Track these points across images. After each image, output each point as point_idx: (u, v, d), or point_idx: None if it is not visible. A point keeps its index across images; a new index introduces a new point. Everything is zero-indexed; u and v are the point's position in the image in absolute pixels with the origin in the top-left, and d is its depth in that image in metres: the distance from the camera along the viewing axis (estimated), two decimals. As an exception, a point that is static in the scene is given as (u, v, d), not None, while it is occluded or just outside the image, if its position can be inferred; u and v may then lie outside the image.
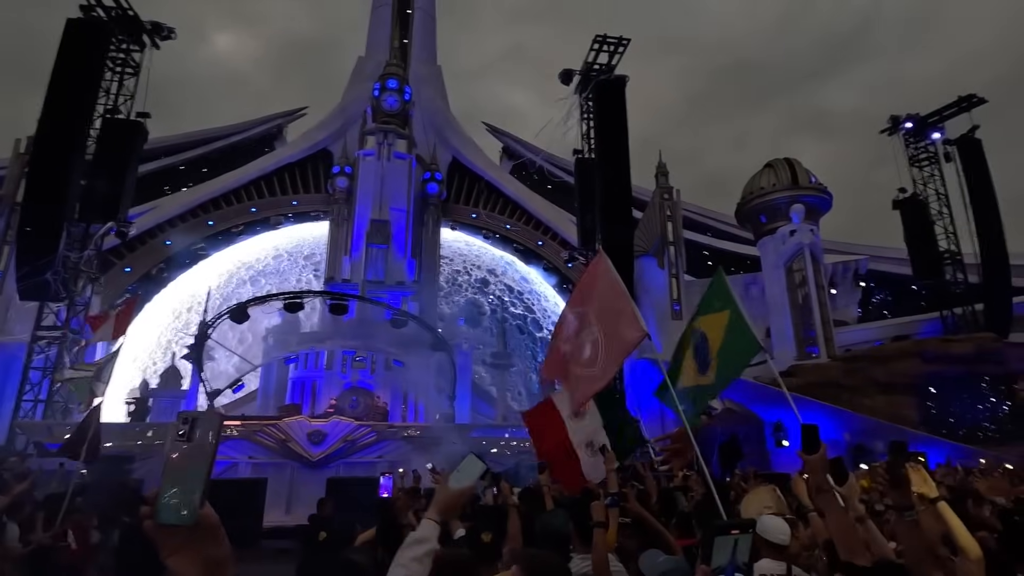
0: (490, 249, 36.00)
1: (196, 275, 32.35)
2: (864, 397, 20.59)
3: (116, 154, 22.30)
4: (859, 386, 21.43)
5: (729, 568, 1.45)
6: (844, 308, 28.87)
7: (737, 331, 4.89)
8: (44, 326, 21.03)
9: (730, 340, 4.85)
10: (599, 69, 26.04)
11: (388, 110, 30.62)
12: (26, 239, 20.36)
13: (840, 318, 27.15)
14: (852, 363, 22.61)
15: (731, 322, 4.92)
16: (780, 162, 26.55)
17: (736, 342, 4.82)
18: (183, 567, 1.00)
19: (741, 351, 4.85)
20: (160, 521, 0.97)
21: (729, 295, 5.13)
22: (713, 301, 5.23)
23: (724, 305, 5.07)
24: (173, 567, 1.00)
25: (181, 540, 0.99)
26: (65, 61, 21.62)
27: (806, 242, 24.65)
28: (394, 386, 23.22)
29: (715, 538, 1.51)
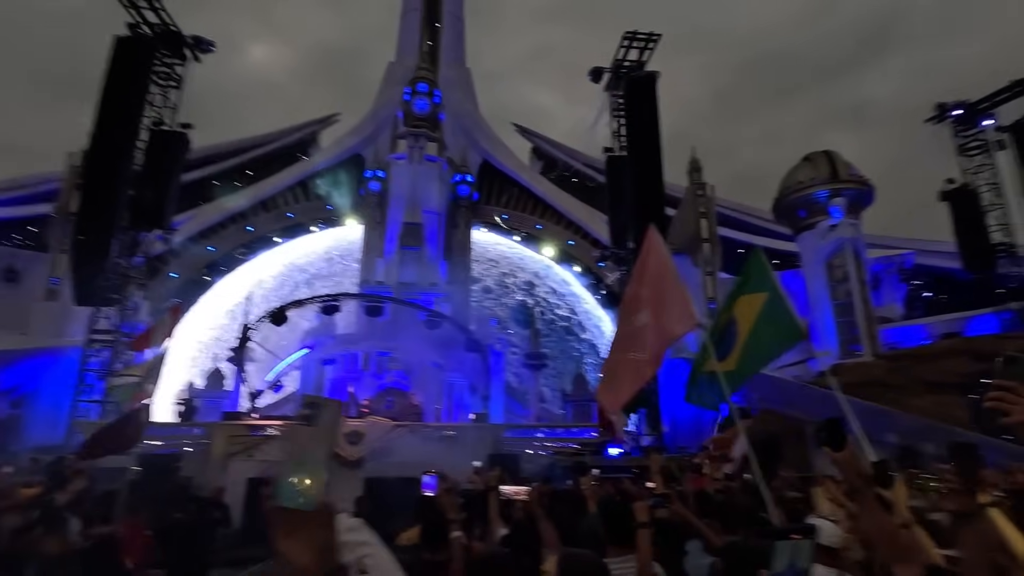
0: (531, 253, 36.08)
1: (240, 279, 33.41)
2: (911, 397, 19.77)
3: (161, 164, 23.25)
4: (905, 385, 20.59)
5: (788, 573, 1.44)
6: (888, 305, 27.82)
7: (774, 316, 4.52)
8: (97, 330, 22.05)
9: (763, 326, 4.47)
10: (629, 66, 25.79)
11: (418, 114, 31.00)
12: (80, 247, 21.40)
13: (884, 315, 26.18)
14: (897, 361, 21.74)
15: (768, 306, 4.54)
16: (819, 155, 25.77)
17: (771, 328, 4.45)
18: (295, 551, 0.99)
19: (777, 338, 4.50)
20: (280, 503, 0.97)
21: (768, 276, 4.77)
22: (750, 281, 4.88)
23: (761, 287, 4.72)
24: (284, 550, 0.99)
25: (296, 524, 0.98)
26: (113, 77, 22.63)
27: (847, 237, 23.86)
28: (428, 386, 23.50)
29: (776, 543, 1.49)
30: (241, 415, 18.70)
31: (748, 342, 4.46)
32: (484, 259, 36.35)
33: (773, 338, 4.47)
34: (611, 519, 2.91)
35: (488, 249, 35.91)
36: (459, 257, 31.98)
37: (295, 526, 0.98)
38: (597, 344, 34.50)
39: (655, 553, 2.62)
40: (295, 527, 0.98)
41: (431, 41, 37.02)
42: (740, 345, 4.43)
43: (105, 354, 21.87)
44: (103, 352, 21.86)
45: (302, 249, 35.69)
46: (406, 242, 28.70)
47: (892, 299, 28.27)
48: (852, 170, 25.31)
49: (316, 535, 1.00)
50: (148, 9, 23.04)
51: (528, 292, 35.71)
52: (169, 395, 24.33)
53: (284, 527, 0.99)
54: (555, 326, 35.11)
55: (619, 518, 2.83)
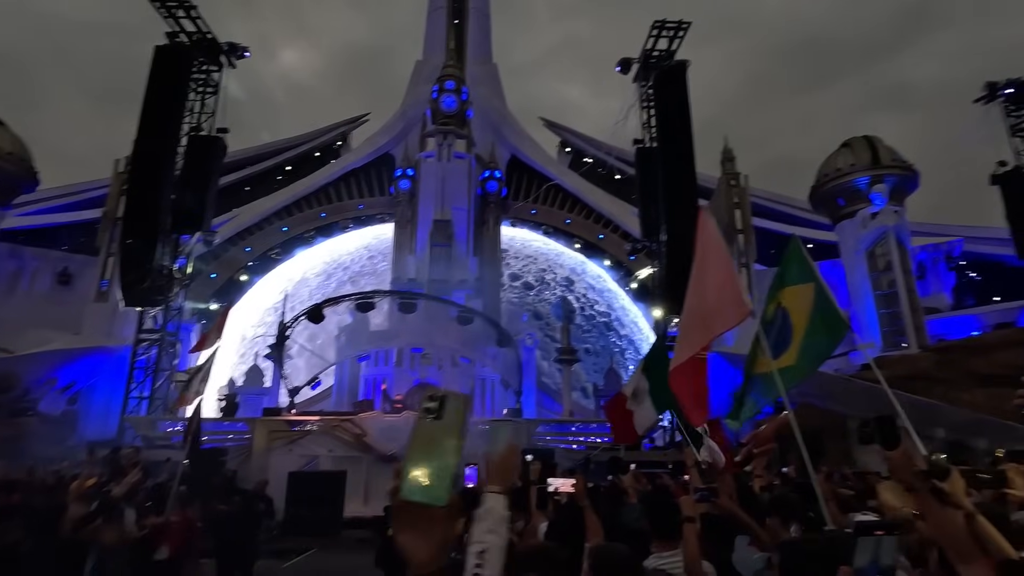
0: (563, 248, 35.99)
1: (276, 279, 34.31)
2: (961, 391, 18.98)
3: (200, 169, 24.01)
4: (955, 379, 19.77)
5: (871, 569, 1.39)
6: (935, 295, 26.69)
7: (823, 309, 4.33)
8: (145, 330, 22.97)
9: (817, 318, 4.28)
10: (659, 56, 25.37)
11: (446, 111, 31.17)
12: (127, 251, 22.30)
13: (931, 305, 25.15)
14: (946, 354, 20.89)
15: (817, 297, 4.35)
16: (859, 140, 24.91)
17: (823, 321, 4.27)
18: (415, 545, 0.97)
19: (828, 332, 4.30)
20: (406, 498, 0.94)
21: (809, 266, 4.56)
22: (792, 271, 4.65)
23: (807, 277, 4.50)
24: (402, 544, 0.98)
25: (419, 519, 0.96)
26: (155, 85, 23.46)
27: (890, 224, 23.02)
28: (461, 382, 23.70)
29: (858, 538, 1.45)
30: (280, 411, 19.22)
31: (806, 337, 4.28)
32: (520, 255, 36.41)
33: (827, 332, 4.30)
34: (656, 513, 2.88)
35: (526, 245, 35.99)
36: (489, 253, 32.08)
37: (418, 521, 0.96)
38: (635, 339, 34.21)
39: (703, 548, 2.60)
40: (417, 522, 0.96)
41: (458, 38, 37.12)
42: (798, 340, 4.24)
43: (152, 353, 22.77)
44: (151, 351, 22.76)
45: (335, 248, 36.38)
46: (436, 239, 28.94)
47: (939, 288, 27.12)
48: (894, 155, 24.38)
49: (437, 531, 0.98)
50: (186, 18, 23.77)
51: (567, 288, 35.65)
52: (212, 392, 25.19)
53: (406, 522, 0.97)
54: (595, 321, 34.97)
55: (665, 512, 2.80)
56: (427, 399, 0.99)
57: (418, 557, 0.98)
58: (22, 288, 26.15)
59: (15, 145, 24.11)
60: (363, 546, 12.63)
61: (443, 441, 0.96)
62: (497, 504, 1.61)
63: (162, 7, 23.35)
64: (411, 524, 0.97)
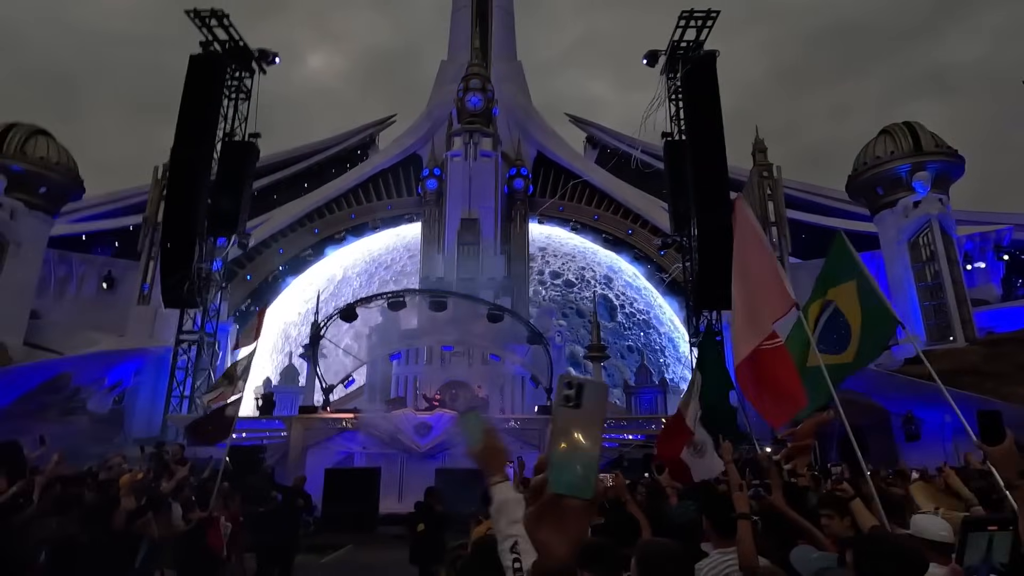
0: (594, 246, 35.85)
1: (308, 280, 34.99)
2: (1015, 385, 18.16)
3: (234, 173, 24.66)
4: (1006, 373, 18.93)
5: (983, 567, 1.29)
6: (983, 286, 25.56)
7: (871, 304, 4.32)
8: (184, 331, 23.71)
9: (869, 315, 4.25)
10: (686, 47, 24.93)
11: (472, 110, 31.24)
12: (166, 254, 23.07)
13: (979, 297, 24.09)
14: (996, 347, 20.02)
15: (863, 294, 4.31)
16: (898, 127, 24.02)
17: (875, 317, 4.24)
18: (556, 541, 0.93)
19: (880, 326, 4.27)
20: (556, 491, 0.89)
21: (854, 262, 4.52)
22: (836, 269, 4.62)
23: (850, 274, 4.46)
24: (543, 540, 0.93)
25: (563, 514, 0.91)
26: (190, 93, 24.18)
27: (933, 213, 22.15)
28: (491, 379, 23.75)
29: (968, 534, 1.34)
30: (316, 409, 19.59)
31: (863, 335, 4.20)
32: (559, 253, 36.40)
33: (879, 327, 4.20)
34: (711, 510, 2.82)
35: (563, 243, 36.00)
36: (517, 251, 32.06)
37: (561, 516, 0.91)
38: (672, 337, 33.84)
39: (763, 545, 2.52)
40: (561, 517, 0.91)
41: (482, 37, 37.17)
42: (856, 338, 4.16)
43: (192, 353, 23.49)
44: (191, 351, 23.48)
45: (366, 248, 36.88)
46: (464, 238, 29.05)
47: (987, 279, 25.97)
48: (937, 141, 23.44)
49: (579, 526, 0.93)
50: (218, 27, 24.40)
51: (607, 285, 35.49)
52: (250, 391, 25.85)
53: (549, 517, 0.91)
54: (636, 319, 34.74)
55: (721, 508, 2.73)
56: (564, 387, 0.94)
57: (557, 553, 0.93)
58: (70, 292, 27.29)
59: (62, 156, 25.14)
60: (398, 542, 12.78)
61: (584, 431, 0.91)
62: (507, 493, 1.57)
63: (196, 17, 24.02)
64: (555, 519, 0.92)
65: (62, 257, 27.48)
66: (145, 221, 26.74)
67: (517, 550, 1.44)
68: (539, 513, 0.92)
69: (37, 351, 22.91)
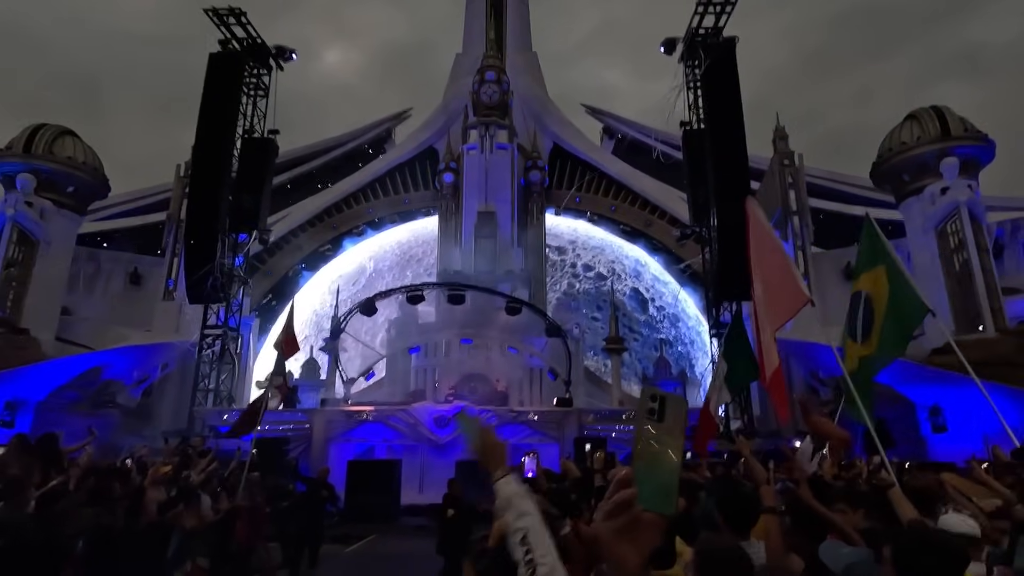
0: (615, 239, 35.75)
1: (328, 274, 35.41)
2: (1047, 375, 17.64)
3: (254, 170, 24.97)
4: (1039, 363, 18.38)
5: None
6: (1015, 274, 24.82)
7: (900, 290, 4.17)
8: (208, 326, 24.17)
9: (896, 301, 4.10)
10: (704, 33, 24.50)
11: (487, 103, 31.15)
12: (190, 251, 23.50)
13: (1010, 285, 23.40)
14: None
15: (892, 279, 4.18)
16: (925, 111, 23.34)
17: (902, 303, 4.09)
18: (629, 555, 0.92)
19: (908, 314, 4.11)
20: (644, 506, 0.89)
21: (883, 247, 4.39)
22: (867, 255, 4.50)
23: (879, 259, 4.35)
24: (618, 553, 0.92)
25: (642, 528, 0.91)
26: (210, 91, 24.49)
27: (962, 199, 21.51)
28: (510, 372, 23.84)
29: (1019, 536, 1.31)
30: (337, 402, 19.86)
31: (886, 320, 4.09)
32: (587, 246, 36.40)
33: (907, 314, 4.08)
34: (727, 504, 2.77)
35: (590, 236, 36.00)
36: (533, 243, 32.01)
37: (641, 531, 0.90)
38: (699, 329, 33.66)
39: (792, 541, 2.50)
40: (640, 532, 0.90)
41: (497, 28, 36.96)
42: (878, 324, 4.05)
43: (216, 347, 23.95)
44: (215, 345, 23.95)
45: (384, 242, 37.16)
46: (481, 231, 29.09)
47: (1019, 267, 25.21)
48: (966, 125, 22.74)
49: (650, 539, 0.92)
50: (236, 25, 24.62)
51: (637, 278, 35.48)
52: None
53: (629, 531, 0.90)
54: (666, 312, 34.65)
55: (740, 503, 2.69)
56: (647, 399, 0.94)
57: (628, 567, 0.92)
58: (99, 289, 27.96)
59: (88, 155, 25.67)
60: (421, 532, 12.95)
61: (668, 444, 0.91)
62: (510, 487, 1.56)
63: (214, 15, 24.28)
64: (633, 533, 0.91)
65: (90, 255, 28.14)
66: (169, 218, 27.25)
67: (528, 542, 1.44)
68: (622, 527, 0.91)
69: (69, 346, 23.56)
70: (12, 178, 23.46)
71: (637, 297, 34.62)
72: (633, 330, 33.21)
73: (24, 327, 21.99)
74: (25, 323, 22.26)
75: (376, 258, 37.32)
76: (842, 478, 6.55)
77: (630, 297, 35.02)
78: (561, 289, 35.28)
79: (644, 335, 31.57)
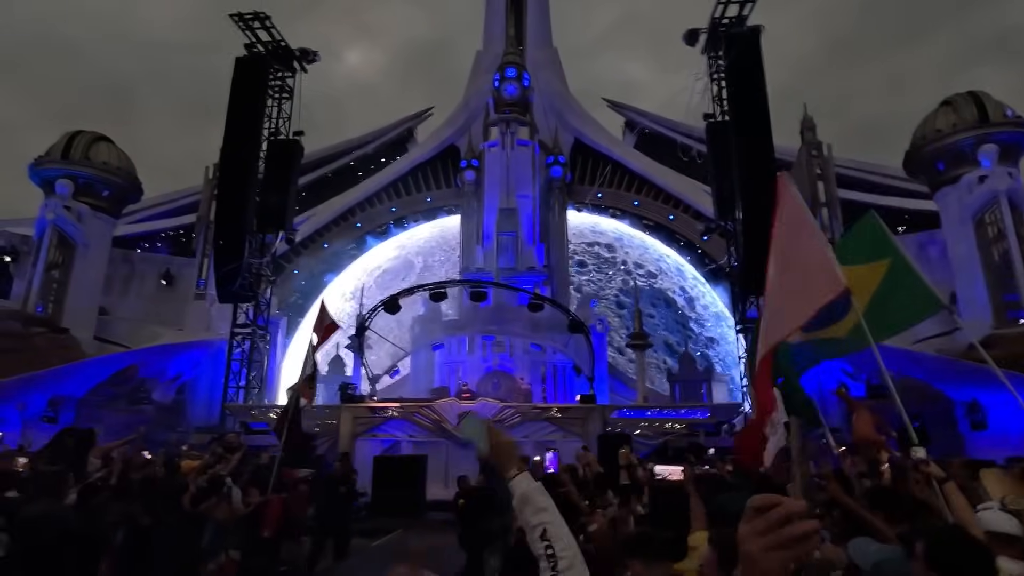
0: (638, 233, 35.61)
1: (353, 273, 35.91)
2: (1094, 370, 16.88)
3: (280, 171, 25.43)
4: (1084, 357, 17.61)
5: None
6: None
7: (902, 284, 4.15)
8: (238, 324, 24.75)
9: (890, 294, 4.10)
10: (728, 23, 24.04)
11: (508, 99, 31.11)
12: (219, 251, 24.08)
13: (1053, 276, 22.49)
14: (1073, 330, 18.69)
15: (892, 273, 4.16)
16: (962, 97, 22.53)
17: (899, 297, 4.08)
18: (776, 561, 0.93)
19: (906, 307, 4.10)
20: None
21: (888, 242, 4.35)
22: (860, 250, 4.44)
23: (881, 254, 4.31)
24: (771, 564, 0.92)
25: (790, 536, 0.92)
26: (237, 95, 25.00)
27: (1002, 188, 20.74)
28: (532, 369, 23.84)
29: None
30: (363, 398, 20.14)
31: (869, 311, 4.03)
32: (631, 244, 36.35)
33: (904, 307, 4.04)
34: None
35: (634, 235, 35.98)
36: (556, 239, 31.91)
37: (798, 555, 0.92)
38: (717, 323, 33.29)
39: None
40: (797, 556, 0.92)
41: (517, 24, 36.86)
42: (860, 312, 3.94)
43: (246, 345, 24.51)
44: (245, 343, 24.51)
45: (407, 240, 37.51)
46: (503, 228, 29.08)
47: (1062, 257, 24.18)
48: (1005, 110, 21.89)
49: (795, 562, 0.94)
50: (261, 28, 25.07)
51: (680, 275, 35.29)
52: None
53: (792, 558, 0.92)
54: (711, 311, 34.47)
55: None
56: None
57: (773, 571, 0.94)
58: (133, 289, 28.89)
59: (122, 160, 26.49)
60: (446, 527, 13.06)
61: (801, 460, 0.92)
62: (526, 485, 1.56)
63: (239, 20, 24.76)
64: (792, 559, 0.93)
65: (125, 256, 29.09)
66: (199, 220, 27.97)
67: (548, 537, 1.45)
68: (793, 556, 0.92)
69: (107, 345, 24.41)
70: (51, 183, 24.36)
71: (684, 294, 34.50)
72: (673, 326, 33.11)
73: (64, 327, 22.85)
74: (65, 323, 23.13)
75: (400, 256, 37.69)
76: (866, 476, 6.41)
77: (677, 295, 34.88)
78: (615, 287, 35.20)
79: (695, 334, 31.46)
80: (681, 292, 34.98)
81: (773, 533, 0.92)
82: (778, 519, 0.93)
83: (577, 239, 35.92)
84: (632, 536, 2.29)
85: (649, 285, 34.63)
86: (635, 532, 2.30)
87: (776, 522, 0.93)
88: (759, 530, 0.94)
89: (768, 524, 0.93)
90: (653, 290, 34.18)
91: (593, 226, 35.51)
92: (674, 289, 34.92)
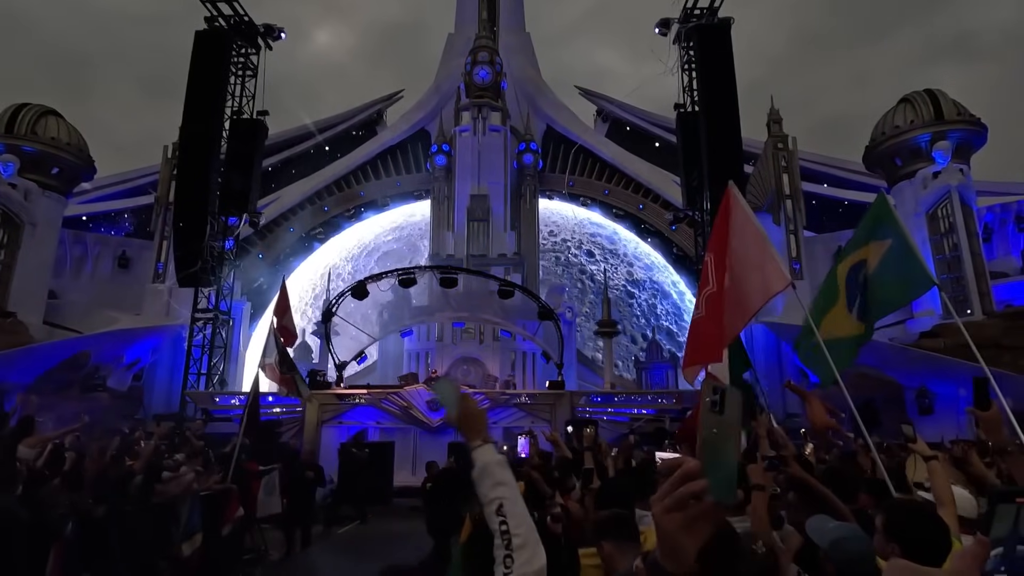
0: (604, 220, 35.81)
1: (319, 257, 35.18)
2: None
3: (243, 151, 24.59)
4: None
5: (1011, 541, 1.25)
6: (1003, 258, 25.08)
7: (898, 263, 4.30)
8: (199, 309, 23.98)
9: (885, 273, 4.25)
10: (700, 14, 24.22)
11: (480, 84, 30.77)
12: (179, 233, 23.22)
13: (998, 270, 23.66)
14: (1015, 320, 19.72)
15: (892, 253, 4.31)
16: (919, 95, 23.32)
17: (892, 275, 4.24)
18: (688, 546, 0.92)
19: (900, 284, 4.26)
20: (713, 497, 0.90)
21: (895, 223, 4.51)
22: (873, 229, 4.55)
23: (885, 234, 4.45)
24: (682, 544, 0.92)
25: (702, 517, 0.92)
26: (197, 71, 24.00)
27: (953, 184, 21.63)
28: (502, 356, 23.88)
29: (996, 506, 1.31)
30: (330, 385, 19.84)
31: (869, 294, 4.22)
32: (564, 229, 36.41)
33: (897, 286, 4.21)
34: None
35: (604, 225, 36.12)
36: (526, 226, 31.88)
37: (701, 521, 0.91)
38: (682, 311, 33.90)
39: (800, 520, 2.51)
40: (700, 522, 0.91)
41: (490, 8, 36.32)
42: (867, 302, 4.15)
43: (208, 331, 23.80)
44: (206, 329, 23.80)
45: (375, 225, 36.88)
46: (474, 214, 28.90)
47: (1007, 252, 25.46)
48: (959, 109, 22.76)
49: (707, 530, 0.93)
50: (223, 2, 24.06)
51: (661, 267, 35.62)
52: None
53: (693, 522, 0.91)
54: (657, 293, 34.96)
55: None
56: (710, 391, 0.97)
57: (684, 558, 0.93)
58: (86, 272, 27.64)
59: (73, 136, 25.20)
60: (413, 513, 13.05)
61: (728, 436, 0.94)
62: (490, 455, 1.51)
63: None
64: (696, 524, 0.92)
65: (77, 237, 27.76)
66: (157, 201, 26.88)
67: (503, 513, 1.41)
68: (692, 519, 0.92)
69: (56, 330, 23.35)
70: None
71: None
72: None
73: (11, 311, 21.75)
74: (12, 307, 22.02)
75: (369, 240, 37.08)
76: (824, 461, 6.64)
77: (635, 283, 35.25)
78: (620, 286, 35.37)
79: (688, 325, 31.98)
80: (650, 282, 35.52)
81: (670, 495, 0.92)
82: (675, 480, 0.93)
83: (580, 230, 36.19)
84: (604, 517, 2.30)
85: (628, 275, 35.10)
86: (608, 514, 2.31)
87: (672, 483, 0.93)
88: (660, 494, 0.94)
89: (669, 486, 0.94)
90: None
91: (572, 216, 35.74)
92: (643, 278, 35.44)
